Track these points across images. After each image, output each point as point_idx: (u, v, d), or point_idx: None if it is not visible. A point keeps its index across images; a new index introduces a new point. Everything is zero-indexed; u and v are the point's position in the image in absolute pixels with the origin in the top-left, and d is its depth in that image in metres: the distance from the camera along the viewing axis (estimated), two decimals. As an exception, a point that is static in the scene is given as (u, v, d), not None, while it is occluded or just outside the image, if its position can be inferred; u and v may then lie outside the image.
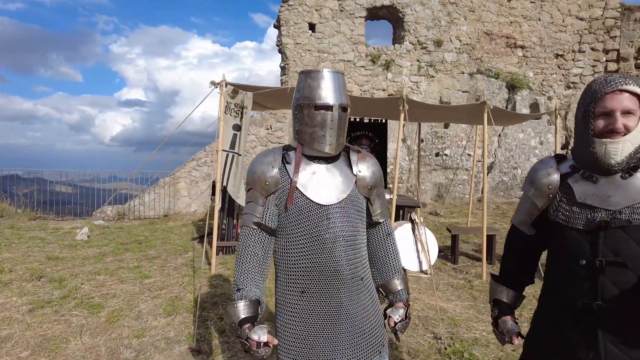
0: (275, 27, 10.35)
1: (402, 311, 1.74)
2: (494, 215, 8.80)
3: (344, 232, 1.59)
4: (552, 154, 1.60)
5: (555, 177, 1.44)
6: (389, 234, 1.83)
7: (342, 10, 10.19)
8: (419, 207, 5.51)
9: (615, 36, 11.06)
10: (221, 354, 3.09)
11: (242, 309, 1.52)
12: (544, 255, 1.58)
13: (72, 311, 3.76)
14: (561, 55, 11.15)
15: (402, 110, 4.86)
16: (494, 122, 5.29)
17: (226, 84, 4.74)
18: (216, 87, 4.72)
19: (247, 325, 1.50)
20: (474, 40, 10.64)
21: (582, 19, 11.15)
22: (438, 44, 10.37)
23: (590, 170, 1.36)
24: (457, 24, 10.52)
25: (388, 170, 9.63)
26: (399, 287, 1.78)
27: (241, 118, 4.90)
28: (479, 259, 5.70)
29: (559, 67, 11.14)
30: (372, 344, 1.65)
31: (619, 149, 1.28)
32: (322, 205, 1.58)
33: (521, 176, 10.48)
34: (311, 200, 1.58)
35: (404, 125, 9.61)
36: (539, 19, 11.04)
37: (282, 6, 9.95)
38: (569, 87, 11.14)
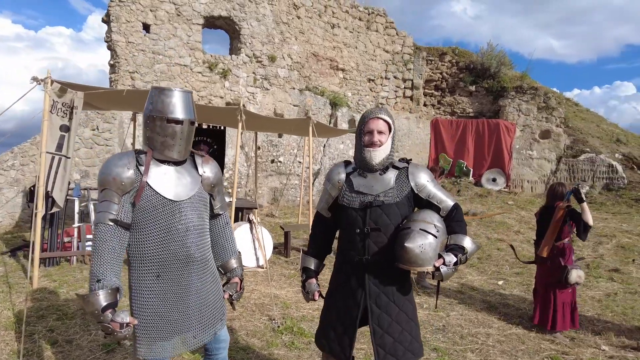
0: (104, 21, 9.60)
1: (236, 285, 2.21)
2: (310, 214, 10.00)
3: (193, 223, 1.95)
4: (344, 160, 2.29)
5: (343, 175, 2.12)
6: (227, 223, 2.26)
7: (178, 15, 10.10)
8: (256, 208, 6.04)
9: (410, 68, 13.79)
10: (56, 363, 3.00)
11: (104, 297, 1.69)
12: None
13: None
14: (372, 80, 13.33)
15: (240, 120, 5.33)
16: (317, 134, 6.21)
17: (52, 82, 4.42)
18: (39, 84, 4.35)
19: (109, 310, 1.69)
20: (303, 59, 11.85)
21: (387, 52, 13.55)
22: (272, 59, 11.19)
23: (363, 169, 2.07)
24: (289, 43, 11.55)
25: (227, 175, 9.95)
26: (235, 266, 2.24)
27: (70, 118, 4.60)
28: (308, 253, 6.55)
29: (370, 89, 13.29)
30: (215, 313, 2.06)
31: (377, 155, 2.01)
32: (175, 201, 1.90)
33: (343, 181, 12.11)
34: (164, 197, 1.88)
35: (241, 134, 10.09)
36: (356, 47, 12.98)
37: (112, 1, 9.31)
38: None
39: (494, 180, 12.36)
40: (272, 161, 10.96)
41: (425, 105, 14.21)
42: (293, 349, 3.37)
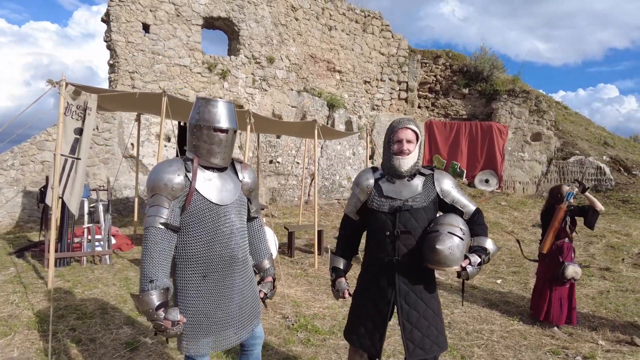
0: (103, 21, 9.59)
1: (270, 284, 2.36)
2: (318, 215, 10.14)
3: (236, 225, 2.08)
4: (370, 165, 2.43)
5: (372, 181, 2.27)
6: (261, 226, 2.41)
7: (178, 15, 10.14)
8: (263, 209, 6.16)
9: (405, 71, 14.01)
10: (83, 361, 3.09)
11: (157, 297, 1.80)
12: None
13: None
14: (368, 82, 13.51)
15: (249, 123, 5.44)
16: (322, 136, 6.36)
17: (67, 84, 4.48)
18: (55, 87, 4.42)
19: (162, 309, 1.81)
20: (301, 61, 11.97)
21: (383, 54, 13.74)
22: (270, 60, 11.30)
23: (392, 176, 2.23)
24: (287, 45, 11.67)
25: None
26: (268, 266, 2.38)
27: (84, 121, 4.67)
28: (311, 252, 6.69)
29: (366, 91, 13.47)
30: (253, 310, 2.19)
31: (406, 163, 2.17)
32: (220, 206, 2.02)
33: (339, 181, 12.26)
34: (211, 202, 2.00)
35: (241, 134, 10.16)
36: (352, 49, 13.14)
37: (112, 1, 9.32)
38: (373, 109, 13.58)
39: (486, 181, 12.65)
40: (271, 162, 11.06)
41: (419, 107, 14.45)
42: (310, 345, 3.51)
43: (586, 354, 3.61)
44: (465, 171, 12.89)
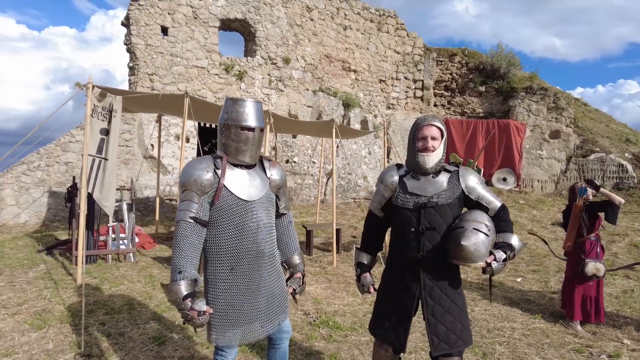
0: (123, 24, 9.81)
1: (299, 279, 2.40)
2: (334, 214, 10.18)
3: (263, 221, 2.14)
4: (395, 163, 2.46)
5: (396, 177, 2.30)
6: (290, 222, 2.46)
7: (195, 18, 10.30)
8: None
9: (420, 69, 13.94)
10: (114, 354, 3.20)
11: (184, 287, 1.89)
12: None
13: None
14: (383, 81, 13.50)
15: (268, 123, 5.52)
16: (340, 135, 6.40)
17: (93, 87, 4.62)
18: (82, 89, 4.56)
19: (189, 299, 1.88)
20: (316, 61, 12.03)
21: (398, 53, 13.71)
22: (286, 61, 11.39)
23: (416, 173, 2.25)
24: (302, 45, 11.74)
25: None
26: (298, 261, 2.43)
27: (109, 122, 4.81)
28: (329, 250, 6.75)
29: (382, 90, 13.46)
30: (280, 305, 2.24)
31: (430, 160, 2.19)
32: (247, 201, 2.09)
33: (354, 180, 12.28)
34: (239, 198, 2.07)
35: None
36: (368, 49, 13.15)
37: (132, 5, 9.52)
38: (389, 108, 13.56)
39: (504, 179, 12.52)
40: (287, 161, 11.15)
41: (435, 105, 14.37)
42: (331, 341, 3.56)
43: (611, 352, 3.58)
44: (482, 169, 12.78)
